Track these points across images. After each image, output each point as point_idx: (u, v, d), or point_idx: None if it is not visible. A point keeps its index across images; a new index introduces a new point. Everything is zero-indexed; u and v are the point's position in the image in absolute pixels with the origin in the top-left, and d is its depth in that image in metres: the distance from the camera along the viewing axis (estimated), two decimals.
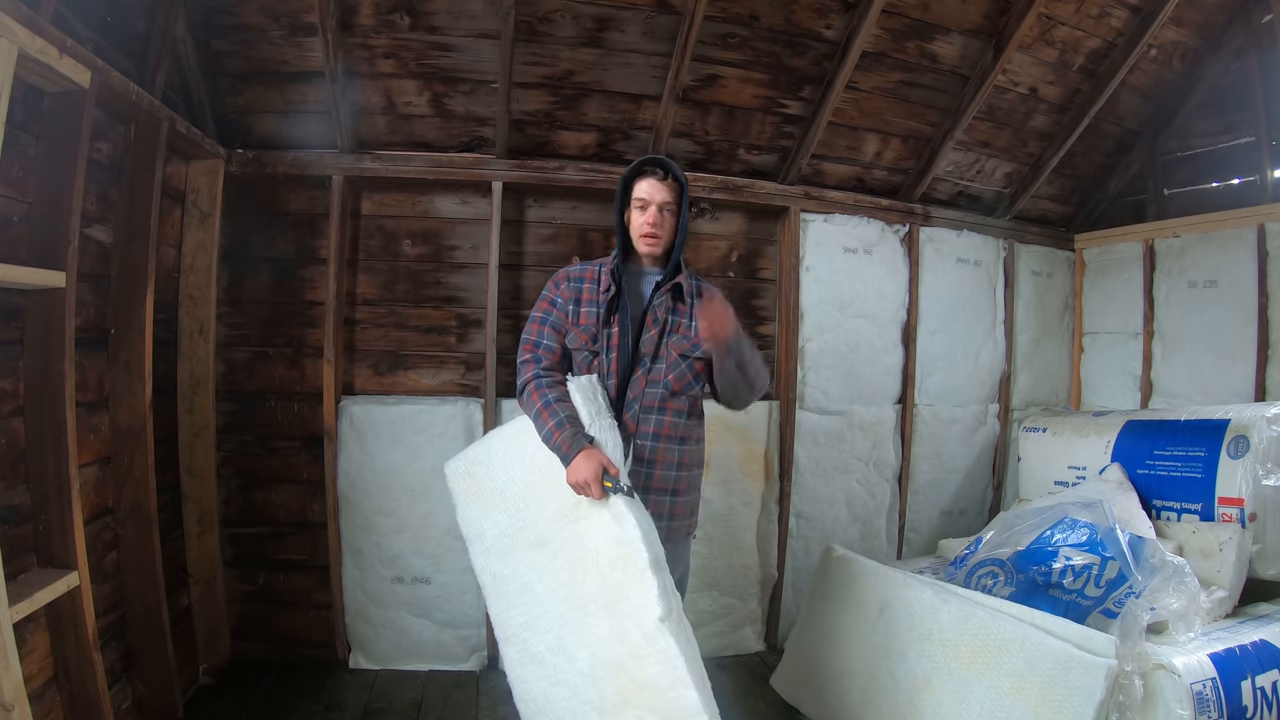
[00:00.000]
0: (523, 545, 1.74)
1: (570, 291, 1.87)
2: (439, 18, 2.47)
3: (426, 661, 2.79)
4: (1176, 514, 2.48)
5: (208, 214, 2.57)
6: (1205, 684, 1.83)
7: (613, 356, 1.81)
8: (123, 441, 2.13)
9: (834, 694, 2.30)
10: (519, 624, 1.75)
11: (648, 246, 1.84)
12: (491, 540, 1.80)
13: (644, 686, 1.54)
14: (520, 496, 1.76)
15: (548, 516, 1.70)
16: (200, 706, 2.41)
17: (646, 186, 1.82)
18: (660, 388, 1.81)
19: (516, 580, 1.75)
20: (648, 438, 1.80)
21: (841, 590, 2.45)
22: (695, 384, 1.86)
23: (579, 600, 1.64)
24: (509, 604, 1.77)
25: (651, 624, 1.52)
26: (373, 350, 2.84)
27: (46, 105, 1.74)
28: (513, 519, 1.77)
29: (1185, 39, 3.11)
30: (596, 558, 1.62)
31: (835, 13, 2.62)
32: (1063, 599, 2.11)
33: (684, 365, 1.83)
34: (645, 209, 1.82)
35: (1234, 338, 2.99)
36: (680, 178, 1.84)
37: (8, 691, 1.44)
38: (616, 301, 1.82)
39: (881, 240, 3.23)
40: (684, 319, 1.84)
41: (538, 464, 1.73)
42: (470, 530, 1.87)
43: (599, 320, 1.82)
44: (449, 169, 2.76)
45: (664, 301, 1.83)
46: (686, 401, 1.85)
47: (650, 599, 1.52)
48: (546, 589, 1.70)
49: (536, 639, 1.72)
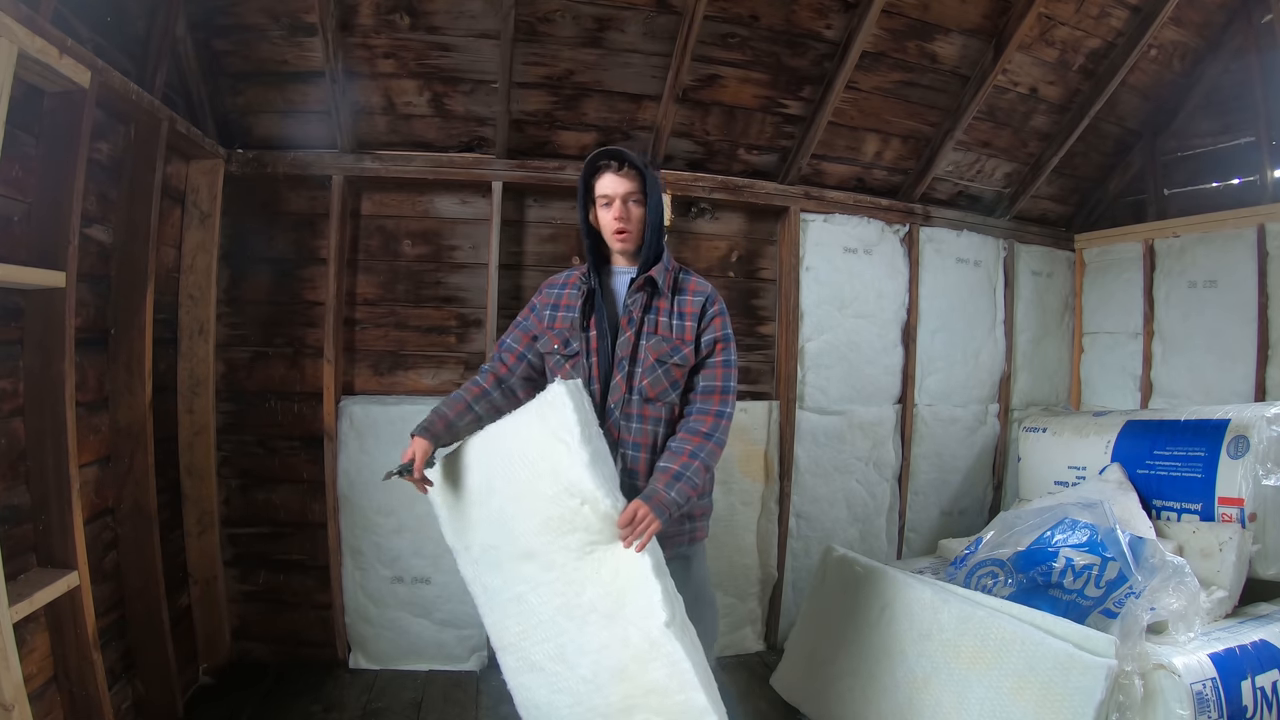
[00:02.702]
0: (511, 557, 1.66)
1: (549, 297, 1.82)
2: (439, 18, 2.47)
3: (426, 661, 2.79)
4: (1176, 514, 2.48)
5: (208, 214, 2.57)
6: (1205, 684, 1.83)
7: (593, 361, 1.72)
8: (123, 441, 2.13)
9: (834, 694, 2.30)
10: (515, 633, 1.69)
11: (620, 243, 1.74)
12: (478, 553, 1.73)
13: (650, 691, 1.51)
14: (501, 508, 1.65)
15: (534, 529, 1.60)
16: (200, 706, 2.41)
17: (607, 182, 1.72)
18: (636, 394, 1.70)
19: (508, 591, 1.68)
20: (628, 446, 1.70)
21: (841, 590, 2.45)
22: (672, 391, 1.71)
23: (577, 610, 1.59)
24: (503, 614, 1.71)
25: (657, 629, 1.48)
26: (373, 350, 2.84)
27: (46, 105, 1.74)
28: (497, 532, 1.67)
29: (1185, 39, 3.11)
30: (597, 568, 1.57)
31: (835, 13, 2.62)
32: (1063, 599, 2.11)
33: (659, 371, 1.70)
34: (610, 205, 1.72)
35: (1234, 338, 2.99)
36: (638, 164, 1.73)
37: (8, 691, 1.44)
38: (591, 304, 1.74)
39: (881, 240, 3.23)
40: (661, 317, 1.72)
41: (516, 475, 1.62)
42: (454, 542, 1.79)
43: (574, 325, 1.75)
44: (449, 169, 2.76)
45: (638, 300, 1.72)
46: (664, 409, 1.71)
47: (655, 604, 1.48)
48: (541, 599, 1.63)
49: (535, 648, 1.67)
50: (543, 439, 1.58)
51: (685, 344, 1.71)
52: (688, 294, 1.75)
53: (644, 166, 1.74)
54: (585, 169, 1.76)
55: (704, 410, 1.70)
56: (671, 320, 1.72)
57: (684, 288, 1.76)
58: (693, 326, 1.72)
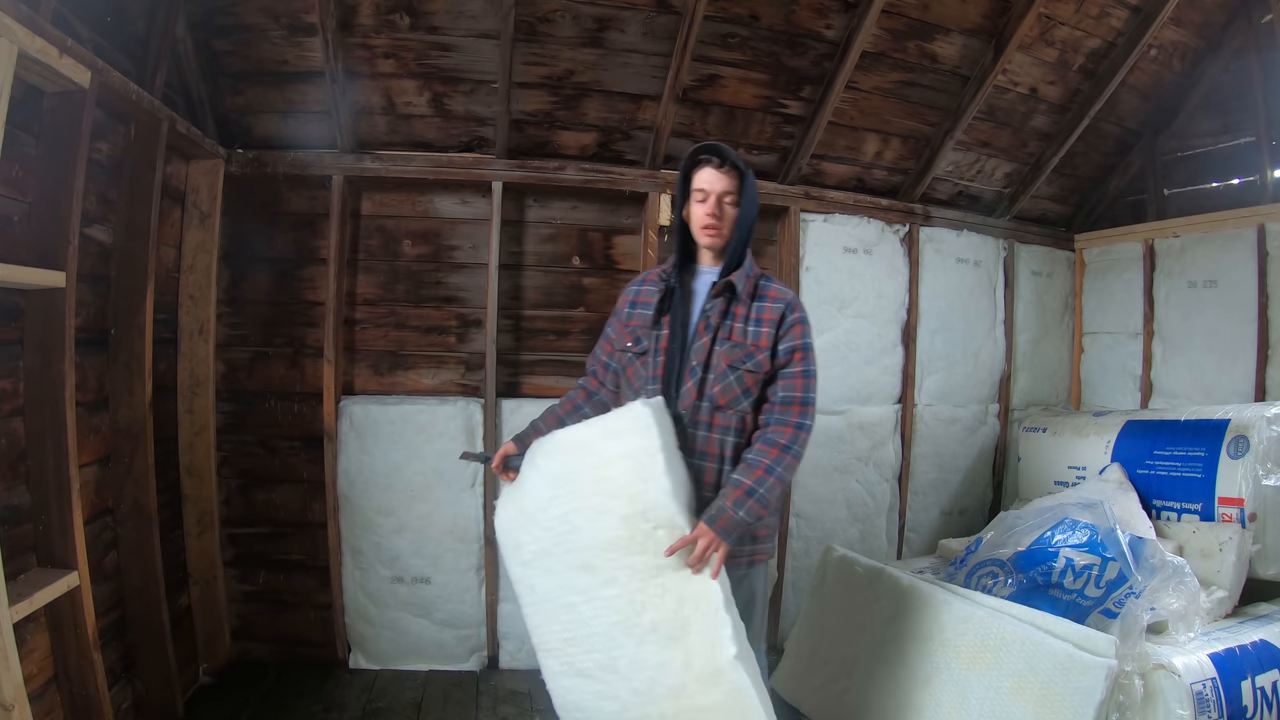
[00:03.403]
0: (567, 566, 1.60)
1: (630, 295, 1.82)
2: (439, 18, 2.47)
3: (426, 661, 2.79)
4: (1176, 514, 2.48)
5: (208, 214, 2.57)
6: (1205, 684, 1.83)
7: (659, 360, 1.68)
8: (123, 441, 2.13)
9: (834, 694, 2.30)
10: (562, 639, 1.65)
11: (708, 239, 1.71)
12: (530, 556, 1.66)
13: (707, 710, 1.50)
14: (563, 517, 1.59)
15: (598, 544, 1.55)
16: (200, 706, 2.41)
17: (706, 176, 1.69)
18: (706, 401, 1.65)
19: (560, 599, 1.62)
20: (696, 455, 1.63)
21: (841, 590, 2.45)
22: (744, 399, 1.65)
23: (636, 628, 1.54)
24: (549, 619, 1.66)
25: (725, 661, 1.46)
26: (373, 350, 2.84)
27: (46, 105, 1.74)
28: (555, 539, 1.61)
29: (1185, 39, 3.11)
30: (661, 593, 1.52)
31: (835, 13, 2.62)
32: (1063, 599, 2.11)
33: (731, 377, 1.65)
34: (705, 200, 1.69)
35: (1234, 338, 2.98)
36: (740, 165, 1.70)
37: (8, 691, 1.44)
38: (668, 302, 1.71)
39: (881, 240, 3.23)
40: (737, 323, 1.68)
41: (585, 488, 1.57)
42: (505, 540, 1.72)
43: (647, 322, 1.72)
44: (449, 169, 2.76)
45: (716, 306, 1.68)
46: (735, 418, 1.65)
47: (724, 638, 1.46)
48: (595, 611, 1.58)
49: (583, 656, 1.62)
50: (621, 460, 1.54)
51: (760, 350, 1.66)
52: (767, 300, 1.71)
53: (745, 168, 1.72)
54: (685, 162, 1.73)
55: (783, 421, 1.65)
56: (747, 326, 1.68)
57: (764, 294, 1.72)
58: (769, 333, 1.67)
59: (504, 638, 2.84)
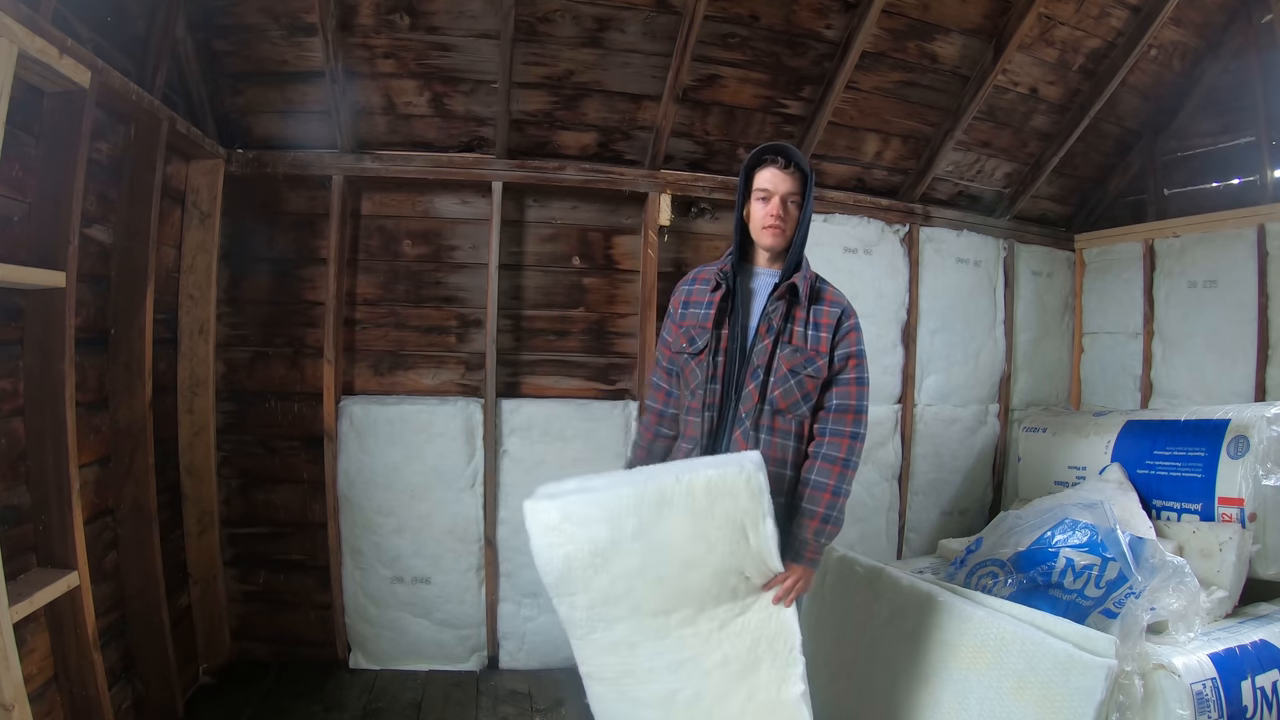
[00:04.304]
0: (631, 612, 1.55)
1: (680, 295, 1.80)
2: (439, 18, 2.47)
3: (426, 661, 2.79)
4: (1176, 514, 2.48)
5: (208, 214, 2.57)
6: (1205, 684, 1.83)
7: (719, 361, 1.67)
8: (123, 441, 2.13)
9: (833, 694, 2.30)
10: (615, 672, 1.62)
11: (771, 238, 1.69)
12: (584, 606, 1.58)
13: None
14: (625, 577, 1.52)
15: (675, 594, 1.51)
16: (200, 706, 2.41)
17: (769, 176, 1.67)
18: (768, 404, 1.65)
19: (614, 637, 1.59)
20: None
21: (841, 590, 2.44)
22: (803, 404, 1.66)
23: (704, 664, 1.54)
24: (602, 651, 1.62)
25: (792, 697, 1.49)
26: (373, 350, 2.84)
27: (46, 105, 1.74)
28: (614, 590, 1.54)
29: (1185, 39, 3.11)
30: (739, 633, 1.53)
31: (835, 13, 2.62)
32: (1063, 599, 2.11)
33: (792, 381, 1.65)
34: (768, 200, 1.67)
35: (1234, 338, 2.98)
36: (804, 167, 1.69)
37: (8, 691, 1.44)
38: (729, 302, 1.70)
39: (881, 240, 3.23)
40: (797, 326, 1.67)
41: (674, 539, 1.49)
42: (555, 585, 1.59)
43: (705, 321, 1.70)
44: (449, 169, 2.76)
45: (779, 308, 1.67)
46: (794, 422, 1.66)
47: (794, 675, 1.49)
48: (657, 650, 1.55)
49: (638, 688, 1.60)
50: (726, 522, 1.49)
51: (820, 355, 1.66)
52: (824, 304, 1.71)
53: (809, 171, 1.71)
54: (748, 161, 1.72)
55: (838, 433, 1.65)
56: (807, 330, 1.67)
57: (821, 297, 1.71)
58: (828, 338, 1.67)
59: (504, 638, 2.84)
